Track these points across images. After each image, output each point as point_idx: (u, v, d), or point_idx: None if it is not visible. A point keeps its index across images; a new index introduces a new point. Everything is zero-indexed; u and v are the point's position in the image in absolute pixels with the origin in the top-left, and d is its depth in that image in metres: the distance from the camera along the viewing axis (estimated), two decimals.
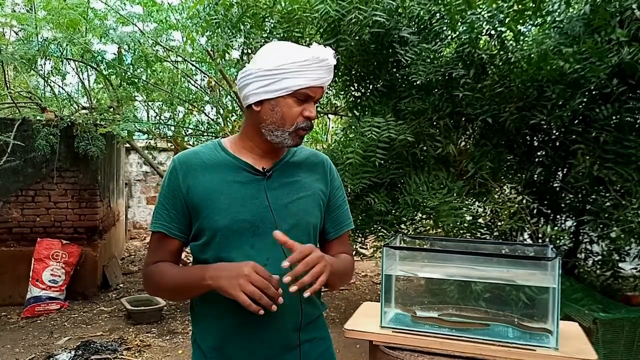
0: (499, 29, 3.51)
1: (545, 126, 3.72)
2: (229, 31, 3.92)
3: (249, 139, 1.31)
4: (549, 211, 3.94)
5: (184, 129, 7.01)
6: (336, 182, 1.42)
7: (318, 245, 1.37)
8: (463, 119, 3.85)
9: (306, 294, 1.12)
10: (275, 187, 1.28)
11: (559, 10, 3.41)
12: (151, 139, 7.45)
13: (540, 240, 3.46)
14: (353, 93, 4.33)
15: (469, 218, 3.61)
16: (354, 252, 3.40)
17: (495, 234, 3.90)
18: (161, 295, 1.52)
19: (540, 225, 3.66)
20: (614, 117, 3.25)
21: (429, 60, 3.54)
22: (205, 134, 6.83)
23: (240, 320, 1.24)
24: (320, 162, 1.40)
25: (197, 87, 7.05)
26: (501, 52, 3.57)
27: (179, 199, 1.26)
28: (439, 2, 3.56)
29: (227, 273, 1.14)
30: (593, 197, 3.57)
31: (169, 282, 1.26)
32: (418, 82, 3.36)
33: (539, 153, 3.92)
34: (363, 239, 4.31)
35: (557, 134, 3.78)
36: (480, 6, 3.49)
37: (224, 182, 1.26)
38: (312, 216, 1.31)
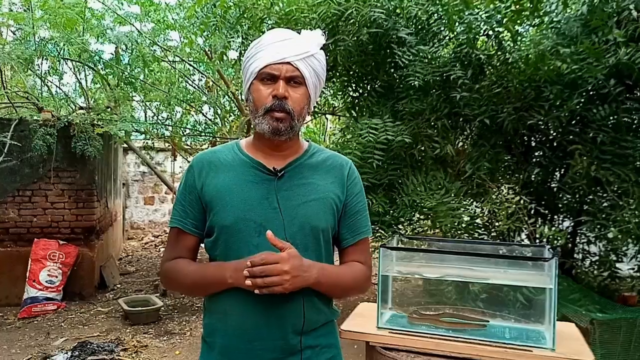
0: (496, 29, 3.52)
1: (542, 127, 3.72)
2: (226, 32, 3.92)
3: (257, 138, 1.34)
4: (546, 212, 3.94)
5: (182, 129, 7.00)
6: (356, 188, 1.37)
7: (329, 251, 1.35)
8: (461, 120, 3.85)
9: (256, 291, 1.15)
10: (286, 188, 1.28)
11: (556, 11, 3.41)
12: (149, 139, 7.44)
13: (537, 241, 3.46)
14: (351, 93, 4.33)
15: (466, 218, 3.61)
16: None
17: (492, 234, 3.89)
18: (179, 290, 1.62)
19: (537, 226, 3.66)
20: (611, 118, 3.26)
21: (426, 61, 3.54)
22: (203, 134, 6.83)
23: (242, 319, 1.25)
24: (339, 165, 1.36)
25: (194, 87, 7.04)
26: (499, 53, 3.57)
27: (194, 195, 1.31)
28: (437, 2, 3.56)
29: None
30: (590, 197, 3.58)
31: (187, 279, 1.30)
32: (416, 83, 3.36)
33: (536, 153, 3.93)
34: None
35: (554, 134, 3.78)
36: (478, 7, 3.49)
37: (236, 181, 1.28)
38: (321, 220, 1.29)
